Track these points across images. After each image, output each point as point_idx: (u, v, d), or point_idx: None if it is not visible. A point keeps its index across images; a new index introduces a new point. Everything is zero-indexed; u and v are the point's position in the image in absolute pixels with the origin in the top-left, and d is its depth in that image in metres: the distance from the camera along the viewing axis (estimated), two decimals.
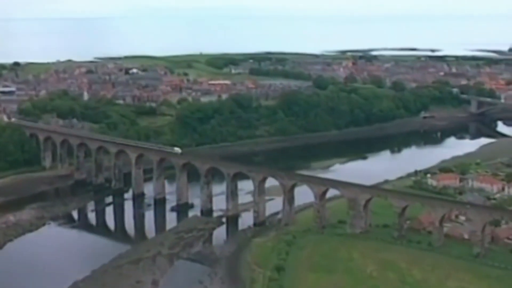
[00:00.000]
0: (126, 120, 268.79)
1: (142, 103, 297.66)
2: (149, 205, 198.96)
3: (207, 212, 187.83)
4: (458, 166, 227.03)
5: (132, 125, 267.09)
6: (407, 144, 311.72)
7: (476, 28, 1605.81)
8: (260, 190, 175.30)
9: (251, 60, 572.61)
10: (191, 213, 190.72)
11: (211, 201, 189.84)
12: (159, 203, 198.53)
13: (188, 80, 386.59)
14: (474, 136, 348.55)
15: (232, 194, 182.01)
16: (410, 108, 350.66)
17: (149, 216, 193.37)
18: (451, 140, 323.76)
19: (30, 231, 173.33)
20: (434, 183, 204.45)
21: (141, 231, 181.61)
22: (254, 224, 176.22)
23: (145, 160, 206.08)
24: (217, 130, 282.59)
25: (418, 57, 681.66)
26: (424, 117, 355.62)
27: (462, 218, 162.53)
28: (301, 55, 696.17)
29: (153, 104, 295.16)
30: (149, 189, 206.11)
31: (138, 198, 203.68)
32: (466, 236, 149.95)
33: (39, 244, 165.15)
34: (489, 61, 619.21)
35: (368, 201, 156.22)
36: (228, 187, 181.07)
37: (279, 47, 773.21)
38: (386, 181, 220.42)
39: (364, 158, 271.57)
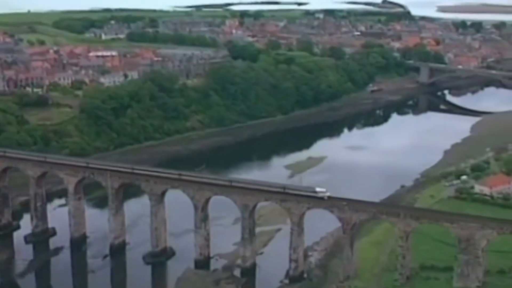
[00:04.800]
0: (10, 117, 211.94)
1: (21, 89, 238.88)
2: (105, 256, 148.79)
3: (203, 262, 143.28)
4: (494, 163, 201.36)
5: (20, 125, 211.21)
6: (373, 129, 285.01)
7: None
8: (299, 229, 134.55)
9: (112, 22, 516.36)
10: (173, 265, 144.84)
11: (208, 246, 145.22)
12: (118, 250, 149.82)
13: (56, 52, 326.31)
14: (421, 111, 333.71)
15: (250, 234, 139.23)
16: (357, 80, 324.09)
17: (104, 275, 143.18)
18: (419, 119, 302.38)
19: None
20: (486, 190, 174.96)
21: None
22: (290, 279, 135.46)
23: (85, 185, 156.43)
24: (139, 125, 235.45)
25: (307, 13, 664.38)
26: (372, 91, 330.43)
27: None
28: (150, 11, 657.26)
29: (39, 91, 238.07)
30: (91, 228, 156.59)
31: (79, 245, 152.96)
32: None
33: None
34: (392, 17, 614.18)
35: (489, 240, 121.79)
36: (245, 224, 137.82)
37: (115, 3, 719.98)
38: (405, 189, 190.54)
39: (325, 152, 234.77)
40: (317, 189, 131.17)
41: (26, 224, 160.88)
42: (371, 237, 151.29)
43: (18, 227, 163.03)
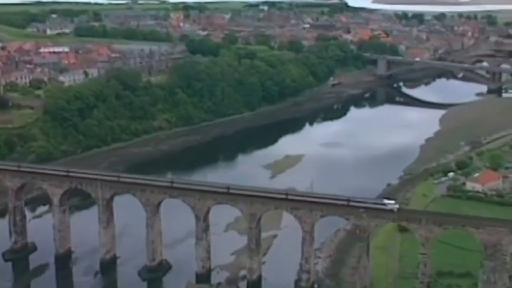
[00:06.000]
0: None
1: None
2: (96, 273, 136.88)
3: (205, 275, 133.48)
4: (476, 158, 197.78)
5: None
6: (341, 123, 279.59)
7: None
8: (310, 237, 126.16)
9: (54, 15, 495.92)
10: (172, 280, 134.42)
11: (209, 258, 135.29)
12: (109, 265, 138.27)
13: (3, 48, 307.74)
14: (380, 103, 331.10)
15: (257, 244, 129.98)
16: (317, 74, 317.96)
17: None
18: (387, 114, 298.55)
19: None
20: (478, 187, 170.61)
21: None
22: None
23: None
24: (106, 126, 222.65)
25: (249, 5, 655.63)
26: (333, 85, 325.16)
27: None
28: (85, 4, 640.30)
29: None
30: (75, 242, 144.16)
31: (65, 261, 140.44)
32: None
33: None
34: (335, 9, 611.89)
35: None
36: (252, 234, 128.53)
37: None
38: (392, 188, 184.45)
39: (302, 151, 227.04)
40: (386, 201, 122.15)
41: (1, 239, 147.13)
42: (374, 241, 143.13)
43: None
